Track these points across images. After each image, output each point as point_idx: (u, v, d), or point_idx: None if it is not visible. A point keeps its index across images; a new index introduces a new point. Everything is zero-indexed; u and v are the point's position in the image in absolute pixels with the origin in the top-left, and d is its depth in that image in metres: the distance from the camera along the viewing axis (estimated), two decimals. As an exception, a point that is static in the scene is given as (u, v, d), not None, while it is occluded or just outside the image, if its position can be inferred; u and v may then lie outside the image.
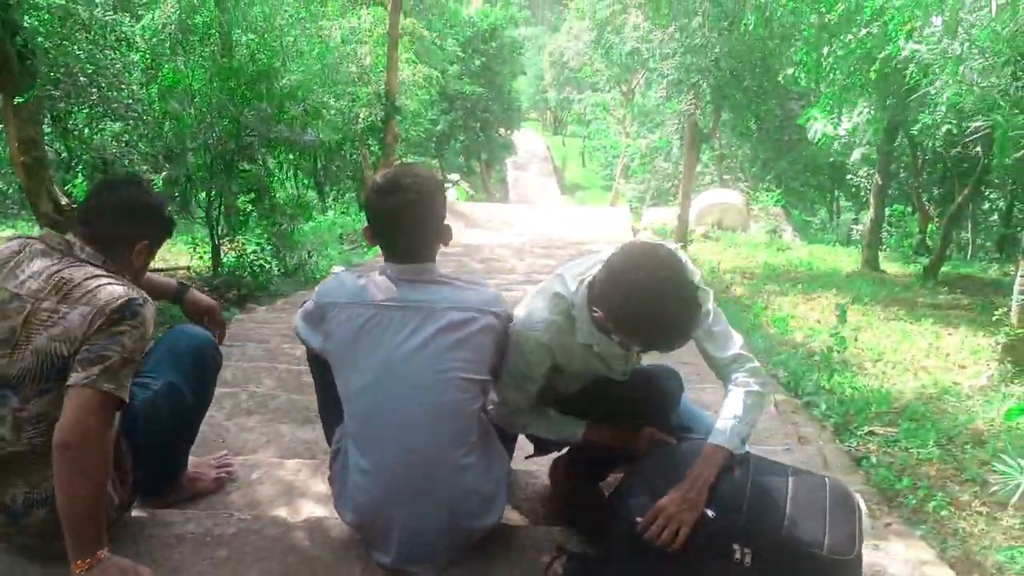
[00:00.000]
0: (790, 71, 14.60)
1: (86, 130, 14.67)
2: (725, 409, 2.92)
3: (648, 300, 2.57)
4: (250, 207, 11.98)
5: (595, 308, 2.79)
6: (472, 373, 2.80)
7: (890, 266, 16.94)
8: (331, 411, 3.06)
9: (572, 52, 45.93)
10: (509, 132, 44.30)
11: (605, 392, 3.14)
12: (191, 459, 3.52)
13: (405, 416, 2.74)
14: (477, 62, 37.97)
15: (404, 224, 2.81)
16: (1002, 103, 6.10)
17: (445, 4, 30.05)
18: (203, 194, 11.30)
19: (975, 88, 6.29)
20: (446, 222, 2.93)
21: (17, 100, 9.44)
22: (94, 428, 2.41)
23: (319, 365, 3.05)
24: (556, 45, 51.66)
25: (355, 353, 2.80)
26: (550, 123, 71.08)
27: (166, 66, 12.29)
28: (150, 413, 2.93)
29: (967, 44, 7.28)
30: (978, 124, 6.66)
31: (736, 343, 3.01)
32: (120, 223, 2.83)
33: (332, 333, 2.85)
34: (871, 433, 5.52)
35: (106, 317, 2.49)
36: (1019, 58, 5.63)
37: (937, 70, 8.11)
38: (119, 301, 2.52)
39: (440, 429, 2.75)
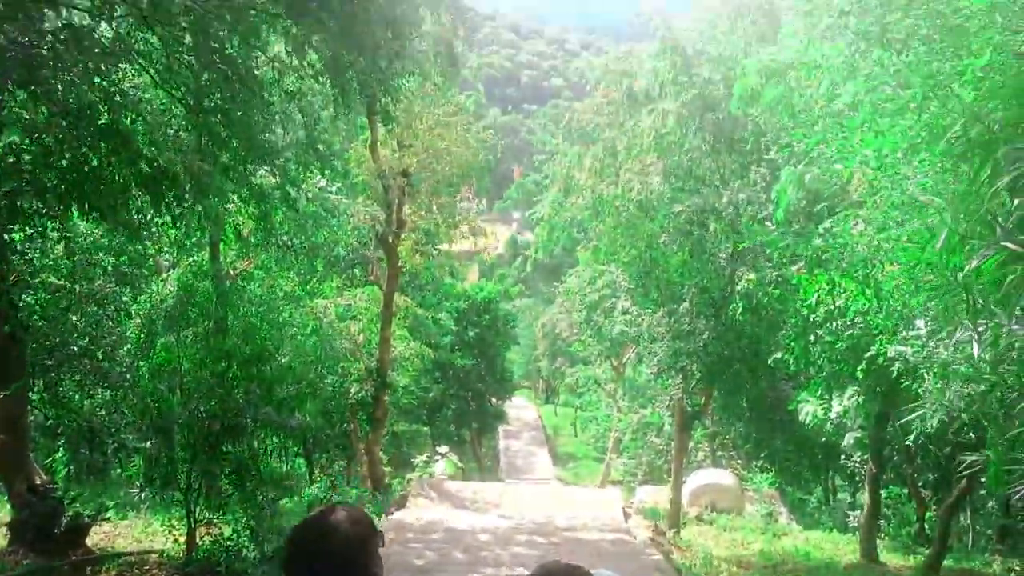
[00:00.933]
0: (779, 354, 14.76)
1: (75, 396, 14.61)
2: None
3: None
4: (231, 489, 11.65)
5: None
6: None
7: (890, 556, 16.40)
8: None
9: (564, 324, 46.93)
10: (501, 402, 44.46)
11: None
12: None
13: None
14: (471, 333, 38.74)
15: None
16: (991, 431, 6.07)
17: (440, 280, 30.98)
18: (183, 474, 11.01)
19: (962, 415, 6.29)
20: (377, 569, 2.72)
21: (3, 393, 9.43)
22: None
23: None
24: (549, 317, 52.88)
25: None
26: (542, 392, 71.51)
27: (159, 341, 12.38)
28: None
29: (952, 349, 7.33)
30: (971, 459, 6.58)
31: None
32: None
33: None
34: None
35: None
36: (1005, 385, 5.64)
37: (924, 373, 8.13)
38: None
39: None
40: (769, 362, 15.81)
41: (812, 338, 12.80)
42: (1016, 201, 4.61)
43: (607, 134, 17.57)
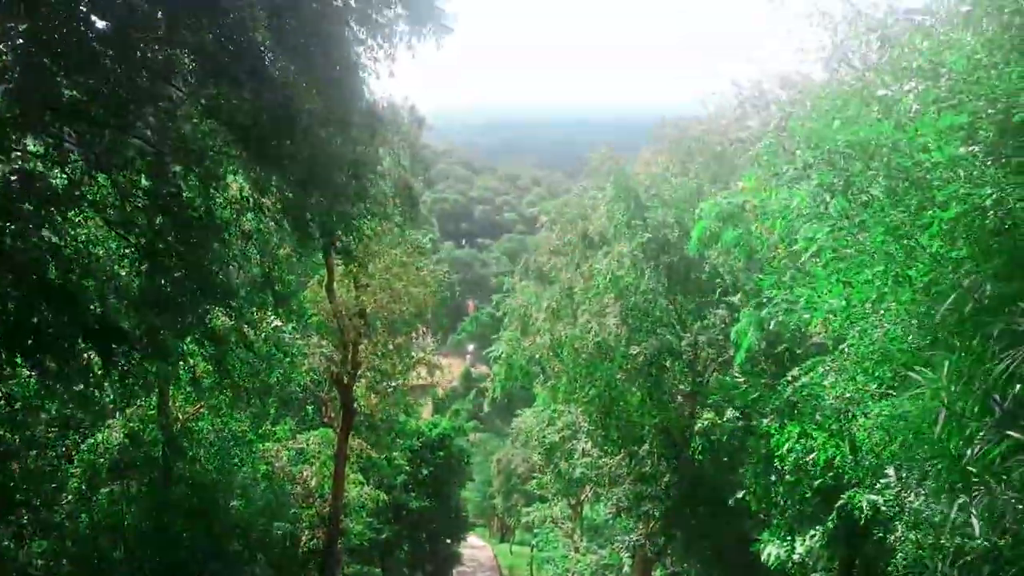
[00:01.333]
0: (740, 494, 14.53)
1: (10, 546, 13.84)
2: None
3: None
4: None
5: None
6: None
7: None
8: None
9: (520, 459, 46.07)
10: (455, 542, 43.25)
11: None
12: None
13: None
14: (425, 471, 37.93)
15: None
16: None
17: (395, 419, 30.41)
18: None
19: None
20: None
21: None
22: None
23: None
24: (504, 453, 51.96)
25: None
26: (497, 530, 69.66)
27: (102, 491, 11.84)
28: None
29: (924, 498, 7.16)
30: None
31: None
32: None
33: None
34: None
35: None
36: (1002, 557, 5.45)
37: (897, 523, 7.95)
38: None
39: None
40: (730, 502, 15.56)
41: (773, 477, 12.62)
42: (1018, 387, 4.55)
43: (564, 275, 17.66)
